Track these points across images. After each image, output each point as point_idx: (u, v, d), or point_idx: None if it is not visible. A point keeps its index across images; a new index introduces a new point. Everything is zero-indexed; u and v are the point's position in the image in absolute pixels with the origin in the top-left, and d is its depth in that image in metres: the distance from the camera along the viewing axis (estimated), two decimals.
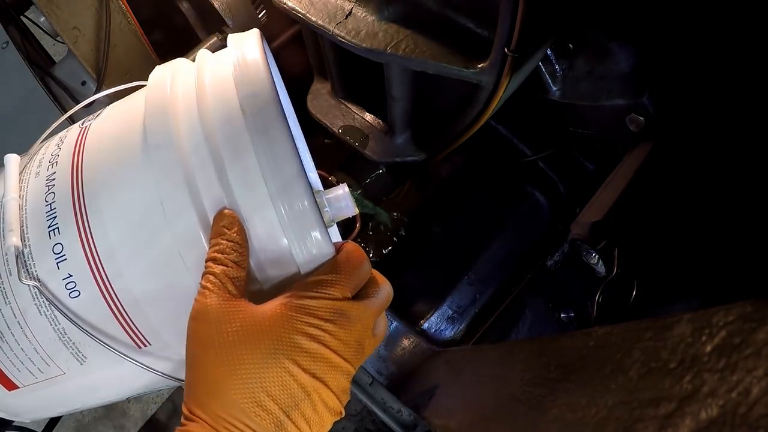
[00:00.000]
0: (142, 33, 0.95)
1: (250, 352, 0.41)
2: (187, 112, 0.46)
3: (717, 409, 0.25)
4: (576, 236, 0.62)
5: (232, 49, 0.49)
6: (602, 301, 0.63)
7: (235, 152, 0.43)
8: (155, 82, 0.50)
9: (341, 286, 0.43)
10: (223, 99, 0.45)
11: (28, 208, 0.48)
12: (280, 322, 0.42)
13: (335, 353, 0.42)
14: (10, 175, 0.51)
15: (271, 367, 0.41)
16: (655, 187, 0.63)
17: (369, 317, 0.45)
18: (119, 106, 0.53)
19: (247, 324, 0.42)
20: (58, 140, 0.53)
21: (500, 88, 0.59)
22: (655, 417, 0.28)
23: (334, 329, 0.42)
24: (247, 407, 0.40)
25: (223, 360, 0.41)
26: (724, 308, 0.27)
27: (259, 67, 0.46)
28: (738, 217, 0.60)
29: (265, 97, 0.44)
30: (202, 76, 0.48)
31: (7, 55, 0.90)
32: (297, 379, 0.41)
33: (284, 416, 0.41)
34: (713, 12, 0.54)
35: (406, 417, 0.88)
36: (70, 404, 0.56)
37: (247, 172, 0.43)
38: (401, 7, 0.64)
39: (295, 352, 0.41)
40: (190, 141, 0.45)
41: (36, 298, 0.47)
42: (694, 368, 0.27)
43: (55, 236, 0.46)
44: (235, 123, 0.44)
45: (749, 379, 0.24)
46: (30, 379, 0.50)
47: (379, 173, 0.91)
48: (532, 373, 0.45)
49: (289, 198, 0.42)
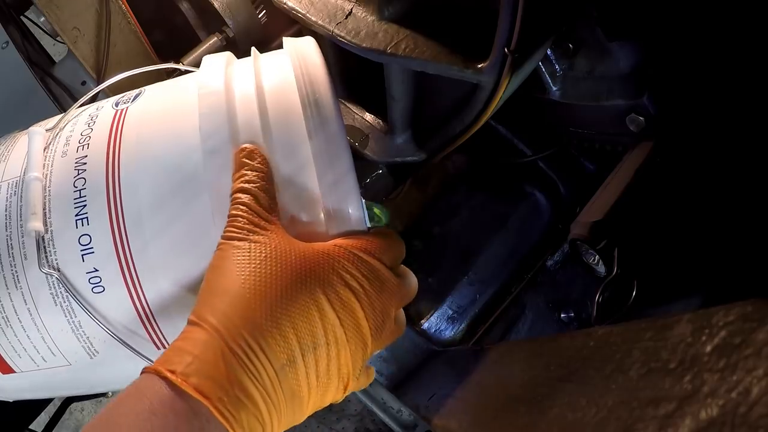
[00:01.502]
0: (142, 33, 0.95)
1: (282, 273, 0.37)
2: (246, 119, 0.45)
3: (717, 409, 0.25)
4: (576, 236, 0.62)
5: (294, 55, 0.48)
6: (602, 301, 0.63)
7: (296, 176, 0.43)
8: (209, 79, 0.47)
9: (383, 253, 0.42)
10: (287, 117, 0.44)
11: (52, 190, 0.45)
12: (320, 258, 0.39)
13: (363, 312, 0.40)
14: (34, 150, 0.47)
15: (302, 294, 0.37)
16: (655, 186, 0.63)
17: (400, 295, 0.43)
18: (163, 96, 0.50)
19: (283, 247, 0.39)
20: (88, 119, 0.49)
21: (500, 88, 0.59)
22: (655, 417, 0.28)
23: (370, 289, 0.40)
24: (266, 327, 0.36)
25: (251, 273, 0.37)
26: (724, 308, 0.27)
27: (326, 90, 0.45)
28: (738, 217, 0.60)
29: (333, 127, 0.44)
30: (260, 81, 0.47)
31: (7, 55, 0.89)
32: (323, 318, 0.38)
33: (299, 353, 0.37)
34: (713, 11, 0.54)
35: (406, 417, 0.88)
36: (63, 392, 0.55)
37: (305, 191, 0.43)
38: (401, 7, 0.64)
39: (329, 294, 0.38)
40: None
41: (52, 287, 0.44)
42: (694, 368, 0.27)
43: (83, 226, 0.43)
44: (299, 145, 0.43)
45: (749, 379, 0.24)
46: (30, 366, 0.48)
47: (379, 173, 0.91)
48: (532, 373, 0.45)
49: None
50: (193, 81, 0.49)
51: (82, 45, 0.90)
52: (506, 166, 0.97)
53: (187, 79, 0.51)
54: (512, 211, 0.96)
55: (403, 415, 0.88)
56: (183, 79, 0.52)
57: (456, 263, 0.94)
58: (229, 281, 0.38)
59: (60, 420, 1.05)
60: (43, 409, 1.08)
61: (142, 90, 0.52)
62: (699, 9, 0.55)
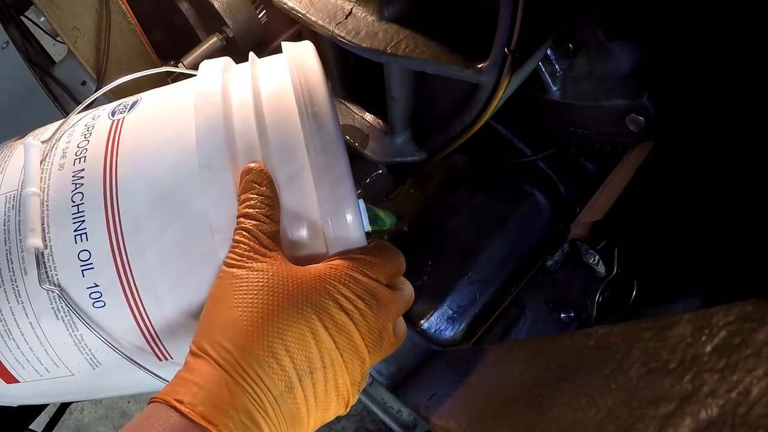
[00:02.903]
0: (142, 33, 0.95)
1: (278, 301, 0.39)
2: (243, 132, 0.44)
3: (717, 409, 0.25)
4: (576, 236, 0.62)
5: (292, 64, 0.47)
6: (602, 301, 0.63)
7: (293, 183, 0.43)
8: (206, 88, 0.47)
9: (379, 270, 0.42)
10: (285, 131, 0.44)
11: (50, 204, 0.45)
12: (316, 284, 0.40)
13: (359, 332, 0.40)
14: (31, 165, 0.47)
15: (296, 322, 0.38)
16: (655, 186, 0.63)
17: (396, 308, 0.43)
18: (160, 106, 0.49)
19: (280, 275, 0.40)
20: (84, 129, 0.49)
21: (500, 88, 0.59)
22: (655, 417, 0.28)
23: (365, 309, 0.41)
24: (262, 356, 0.38)
25: (246, 302, 0.39)
26: (724, 308, 0.27)
27: (325, 102, 0.44)
28: (738, 217, 0.60)
29: (330, 138, 0.43)
30: (258, 91, 0.46)
31: (7, 55, 0.90)
32: (318, 343, 0.39)
33: (296, 379, 0.39)
34: (714, 11, 0.54)
35: (406, 417, 0.88)
36: (65, 398, 0.55)
37: (304, 202, 0.43)
38: (401, 7, 0.64)
39: (324, 319, 0.39)
40: (246, 161, 0.43)
41: (54, 302, 0.44)
42: (694, 368, 0.27)
43: (82, 242, 0.43)
44: (297, 158, 0.43)
45: (749, 379, 0.24)
46: (34, 376, 0.48)
47: (379, 173, 0.91)
48: (532, 373, 0.45)
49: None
50: (190, 90, 0.48)
51: (82, 45, 0.90)
52: (506, 166, 0.97)
53: (184, 87, 0.50)
54: (512, 211, 0.96)
55: (403, 415, 0.88)
56: (180, 87, 0.51)
57: (456, 263, 0.94)
58: (228, 312, 0.39)
59: (60, 420, 1.05)
60: (43, 410, 1.08)
61: (139, 98, 0.51)
62: (699, 9, 0.55)
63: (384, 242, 0.45)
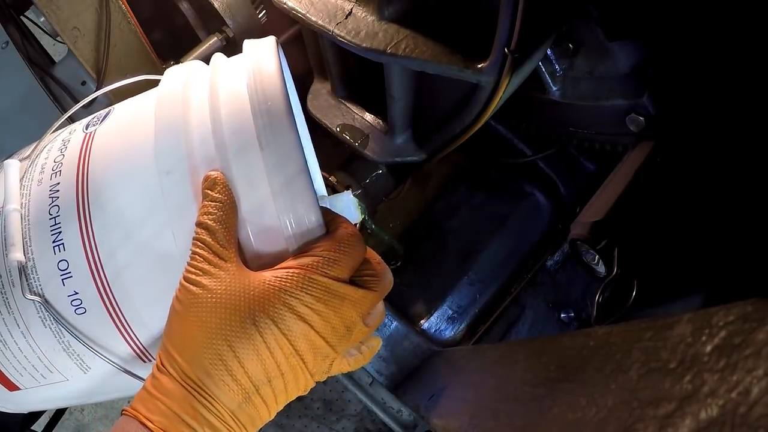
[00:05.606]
0: (142, 33, 0.95)
1: (230, 317, 0.39)
2: (200, 136, 0.44)
3: (717, 409, 0.25)
4: (576, 236, 0.62)
5: (250, 61, 0.47)
6: (602, 301, 0.63)
7: (250, 184, 0.43)
8: (166, 96, 0.47)
9: (338, 267, 0.41)
10: (240, 126, 0.44)
11: (31, 219, 0.47)
12: (269, 293, 0.39)
13: (320, 336, 0.40)
14: (11, 182, 0.49)
15: (249, 337, 0.39)
16: (655, 186, 0.63)
17: (364, 305, 0.42)
18: (126, 116, 0.51)
19: (233, 288, 0.40)
20: (61, 144, 0.51)
21: (500, 88, 0.59)
22: (655, 417, 0.28)
23: (325, 311, 0.40)
24: (216, 374, 0.39)
25: (201, 320, 0.39)
26: (724, 308, 0.27)
27: (279, 99, 0.44)
28: (738, 217, 0.60)
29: (283, 133, 0.42)
30: (216, 93, 0.46)
31: (7, 55, 0.90)
32: (275, 356, 0.39)
33: (254, 390, 0.40)
34: (714, 11, 0.54)
35: (406, 417, 0.88)
36: (66, 403, 0.56)
37: (261, 200, 0.43)
38: (401, 7, 0.64)
39: (279, 329, 0.39)
40: (204, 165, 0.44)
41: (40, 311, 0.46)
42: (694, 368, 0.27)
43: (60, 252, 0.45)
44: (251, 156, 0.43)
45: (749, 379, 0.24)
46: (32, 383, 0.50)
47: (379, 173, 0.91)
48: (532, 373, 0.45)
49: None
50: (152, 99, 0.49)
51: (82, 45, 0.90)
52: (506, 166, 0.97)
53: (148, 98, 0.51)
54: (512, 211, 0.96)
55: (403, 415, 0.88)
56: (147, 95, 0.52)
57: (456, 263, 0.94)
58: (183, 329, 0.40)
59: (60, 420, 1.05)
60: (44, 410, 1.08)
61: (112, 109, 0.52)
62: (699, 9, 0.55)
63: (347, 229, 0.43)
